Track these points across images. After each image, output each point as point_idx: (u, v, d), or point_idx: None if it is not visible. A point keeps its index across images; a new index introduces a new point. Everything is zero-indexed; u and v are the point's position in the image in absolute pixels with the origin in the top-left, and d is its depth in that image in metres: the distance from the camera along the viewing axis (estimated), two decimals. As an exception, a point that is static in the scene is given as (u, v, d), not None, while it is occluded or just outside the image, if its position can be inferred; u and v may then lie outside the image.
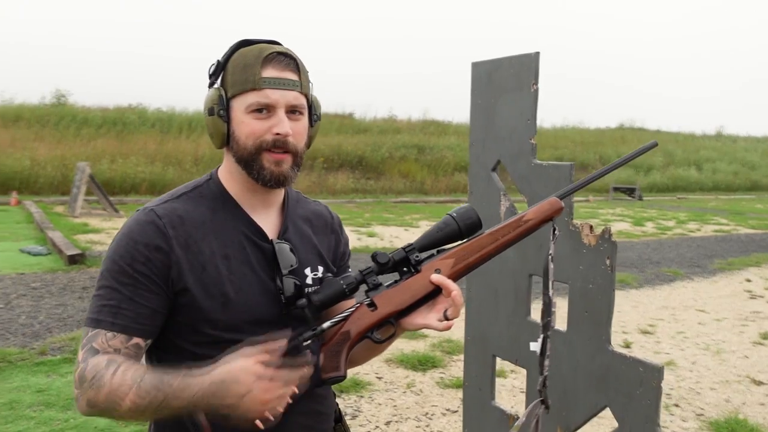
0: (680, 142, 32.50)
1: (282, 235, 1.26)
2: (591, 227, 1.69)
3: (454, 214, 1.23)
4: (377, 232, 11.26)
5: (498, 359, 2.08)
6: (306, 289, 1.24)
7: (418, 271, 1.21)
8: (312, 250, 1.30)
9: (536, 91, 1.83)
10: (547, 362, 1.25)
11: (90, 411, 1.07)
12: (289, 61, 1.19)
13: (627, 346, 5.29)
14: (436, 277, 1.18)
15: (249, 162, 1.18)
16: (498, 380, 4.34)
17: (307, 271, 1.27)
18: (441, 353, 4.88)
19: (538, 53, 1.83)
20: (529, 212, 1.28)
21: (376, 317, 1.19)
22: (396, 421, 3.70)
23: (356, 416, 3.76)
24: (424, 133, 24.29)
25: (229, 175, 1.24)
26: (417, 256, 1.21)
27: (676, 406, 4.10)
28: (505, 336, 2.00)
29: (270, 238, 1.23)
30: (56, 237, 8.65)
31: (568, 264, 1.74)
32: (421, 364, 4.62)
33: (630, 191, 22.08)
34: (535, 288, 2.08)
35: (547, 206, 1.28)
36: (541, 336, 1.25)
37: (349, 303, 1.29)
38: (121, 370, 1.05)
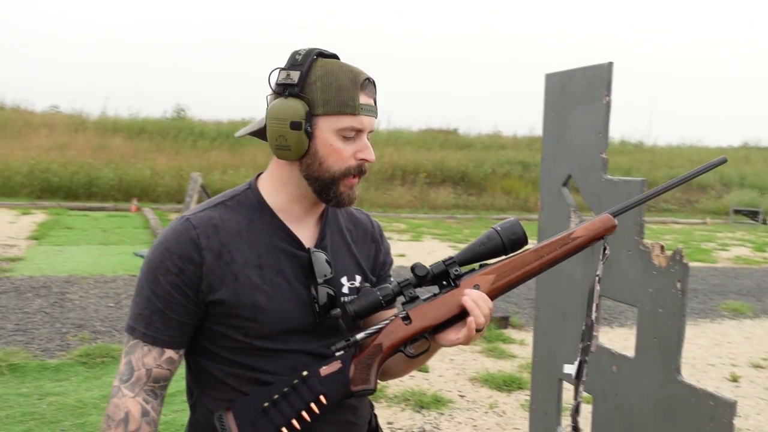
0: (814, 162, 29.92)
1: (319, 243, 1.26)
2: (662, 247, 1.58)
3: (499, 228, 1.19)
4: (475, 249, 11.11)
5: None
6: (341, 299, 1.23)
7: (456, 286, 1.18)
8: (350, 259, 1.30)
9: (608, 103, 1.75)
10: (581, 388, 1.18)
11: None
12: (374, 88, 1.21)
13: (734, 380, 4.91)
14: (468, 292, 1.15)
15: (328, 184, 1.19)
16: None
17: (344, 280, 1.26)
18: (529, 375, 4.73)
19: (611, 63, 1.74)
20: (579, 229, 1.22)
21: (410, 331, 1.17)
22: (474, 442, 3.62)
23: (434, 433, 3.71)
24: (529, 150, 23.81)
25: (275, 184, 1.24)
26: (457, 271, 1.18)
27: (786, 449, 3.75)
28: (573, 358, 1.90)
29: (307, 247, 1.24)
30: (167, 242, 9.16)
31: (636, 286, 1.63)
32: (506, 384, 4.49)
33: (753, 214, 20.56)
34: (604, 310, 1.97)
35: (598, 224, 1.21)
36: (578, 359, 1.18)
37: (388, 314, 1.27)
38: None
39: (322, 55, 1.19)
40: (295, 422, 1.11)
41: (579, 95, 1.85)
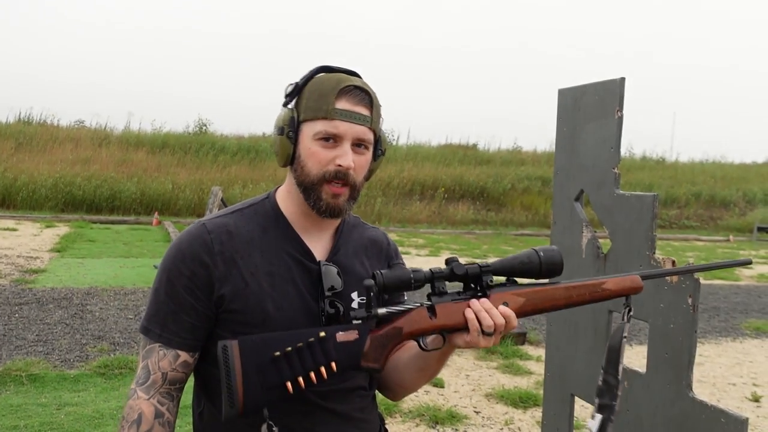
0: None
1: (331, 257, 1.27)
2: (674, 262, 1.58)
3: (541, 254, 1.18)
4: (493, 264, 11.06)
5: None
6: (350, 313, 1.24)
7: (486, 296, 1.17)
8: (363, 275, 1.30)
9: (620, 118, 1.75)
10: None
11: None
12: (364, 96, 1.21)
13: (756, 399, 4.83)
14: (473, 303, 1.15)
15: (309, 188, 1.21)
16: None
17: (354, 295, 1.27)
18: (545, 392, 4.69)
19: (623, 79, 1.75)
20: (610, 282, 1.23)
21: (431, 325, 1.16)
22: (489, 458, 3.59)
23: (449, 449, 3.69)
24: (549, 165, 23.70)
25: (287, 194, 1.28)
26: (490, 280, 1.18)
27: (808, 470, 3.67)
28: (584, 374, 1.89)
29: (318, 260, 1.25)
30: (187, 255, 9.25)
31: (647, 301, 1.63)
32: (522, 401, 4.45)
33: (777, 232, 20.24)
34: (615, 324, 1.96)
35: (629, 282, 1.23)
36: (600, 416, 1.17)
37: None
38: None
39: (330, 69, 1.23)
40: (301, 380, 1.09)
41: (591, 110, 1.86)
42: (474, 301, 1.15)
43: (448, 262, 1.17)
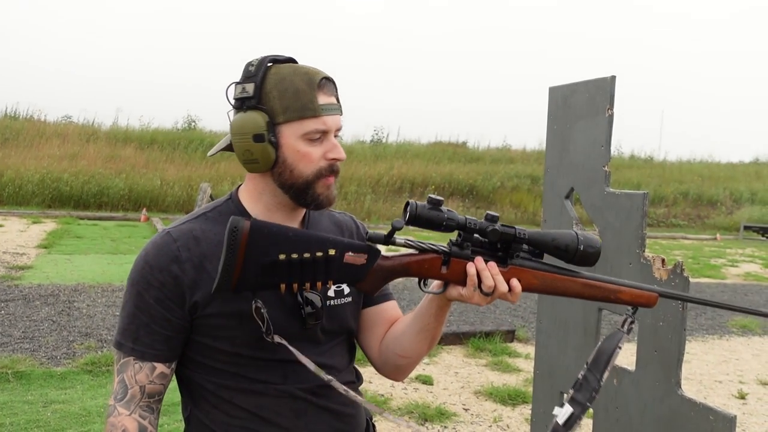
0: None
1: None
2: (663, 260, 1.58)
3: (581, 247, 1.13)
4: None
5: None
6: (327, 302, 1.23)
7: (505, 263, 1.14)
8: None
9: (611, 116, 1.76)
10: None
11: None
12: (333, 86, 1.20)
13: (742, 397, 4.87)
14: (478, 260, 1.12)
15: (302, 189, 1.18)
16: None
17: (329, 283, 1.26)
18: (534, 389, 4.70)
19: (614, 77, 1.75)
20: (627, 293, 1.19)
21: (440, 275, 1.13)
22: (478, 455, 3.60)
23: (438, 446, 3.69)
24: (538, 163, 23.80)
25: (256, 194, 1.24)
26: (518, 254, 1.14)
27: (793, 467, 3.70)
28: (573, 371, 1.90)
29: None
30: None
31: (637, 299, 1.63)
32: (511, 398, 4.47)
33: (763, 231, 20.41)
34: (604, 321, 1.96)
35: (645, 298, 1.20)
36: (570, 410, 1.12)
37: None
38: None
39: (276, 61, 1.19)
40: (295, 286, 1.08)
41: (582, 108, 1.86)
42: (479, 260, 1.11)
43: (488, 218, 1.13)
